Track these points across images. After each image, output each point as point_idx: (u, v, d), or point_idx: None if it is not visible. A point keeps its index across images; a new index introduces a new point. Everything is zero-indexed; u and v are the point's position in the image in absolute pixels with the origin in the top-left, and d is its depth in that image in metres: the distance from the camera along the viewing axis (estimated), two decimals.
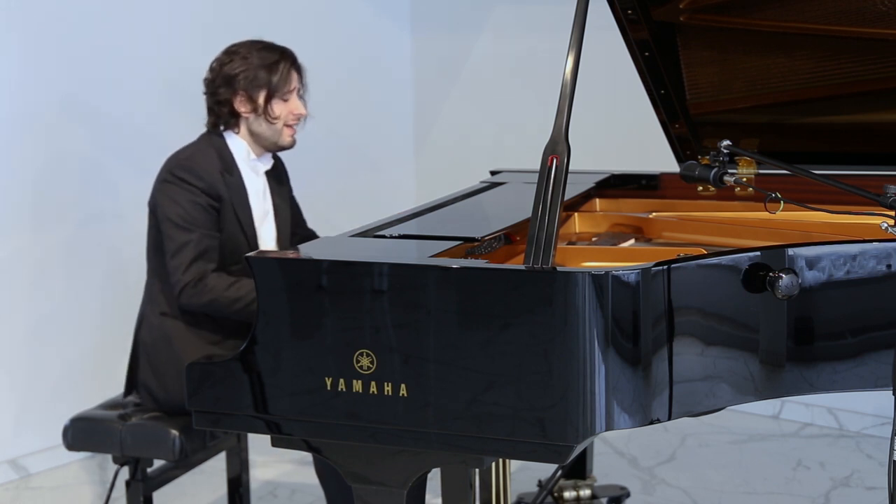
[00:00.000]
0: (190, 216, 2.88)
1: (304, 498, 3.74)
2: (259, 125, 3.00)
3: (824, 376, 2.28)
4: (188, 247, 2.86)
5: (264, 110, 2.97)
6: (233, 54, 2.99)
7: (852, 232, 2.56)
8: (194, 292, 2.84)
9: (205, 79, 3.03)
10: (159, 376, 2.98)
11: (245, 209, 3.00)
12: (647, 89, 2.94)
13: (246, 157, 3.03)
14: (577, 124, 2.43)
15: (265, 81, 2.96)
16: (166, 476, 3.12)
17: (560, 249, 2.51)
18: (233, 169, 2.99)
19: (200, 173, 2.92)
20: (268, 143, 3.04)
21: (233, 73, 2.96)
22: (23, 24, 3.88)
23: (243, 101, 2.97)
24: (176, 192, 2.90)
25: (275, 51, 3.01)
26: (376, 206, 3.74)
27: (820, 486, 3.74)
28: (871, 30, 2.63)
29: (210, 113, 3.03)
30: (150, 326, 3.02)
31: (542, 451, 2.07)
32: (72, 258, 4.08)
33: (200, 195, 2.90)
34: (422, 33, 5.26)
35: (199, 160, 2.95)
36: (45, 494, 3.87)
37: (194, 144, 3.03)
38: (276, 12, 4.64)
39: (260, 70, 2.96)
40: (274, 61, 2.98)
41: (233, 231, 2.96)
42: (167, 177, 2.94)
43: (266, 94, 2.96)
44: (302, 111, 3.04)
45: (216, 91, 2.99)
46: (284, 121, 3.00)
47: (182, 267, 2.85)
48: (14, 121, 3.89)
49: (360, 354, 2.15)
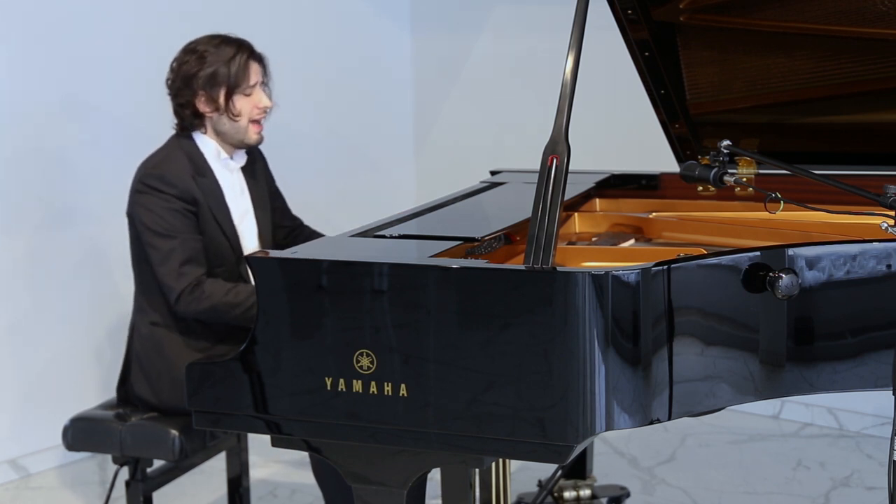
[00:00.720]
0: (168, 223, 2.84)
1: (304, 498, 3.74)
2: (223, 124, 2.94)
3: (824, 376, 2.28)
4: (174, 253, 2.82)
5: (226, 108, 2.91)
6: (190, 53, 2.93)
7: (852, 232, 2.56)
8: (192, 299, 2.81)
9: (165, 79, 2.97)
10: (152, 384, 2.96)
11: (222, 209, 2.96)
12: (647, 89, 2.94)
13: (217, 157, 2.98)
14: (577, 124, 2.43)
15: (224, 78, 2.89)
16: (166, 476, 3.12)
17: (560, 249, 2.51)
18: (205, 170, 2.95)
19: (171, 179, 2.86)
20: (234, 142, 2.98)
21: (191, 73, 2.90)
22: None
23: (204, 101, 2.92)
24: (150, 202, 2.85)
25: (231, 44, 2.93)
26: (376, 206, 3.74)
27: (820, 486, 3.74)
28: (871, 30, 2.63)
29: (175, 115, 2.98)
30: (140, 336, 2.99)
31: (542, 451, 2.07)
32: (67, 253, 4.08)
33: (175, 201, 2.85)
34: (422, 33, 5.26)
35: (169, 166, 2.90)
36: (45, 494, 3.87)
37: (163, 149, 2.98)
38: (276, 12, 4.64)
39: (216, 66, 2.89)
40: (230, 56, 2.90)
41: (213, 233, 2.92)
42: (139, 187, 2.89)
43: (226, 91, 2.90)
44: (266, 103, 2.97)
45: (177, 93, 2.94)
46: (249, 116, 2.94)
47: (173, 274, 2.81)
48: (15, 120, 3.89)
49: (360, 354, 2.15)
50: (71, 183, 4.05)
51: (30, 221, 3.96)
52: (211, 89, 2.90)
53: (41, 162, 3.96)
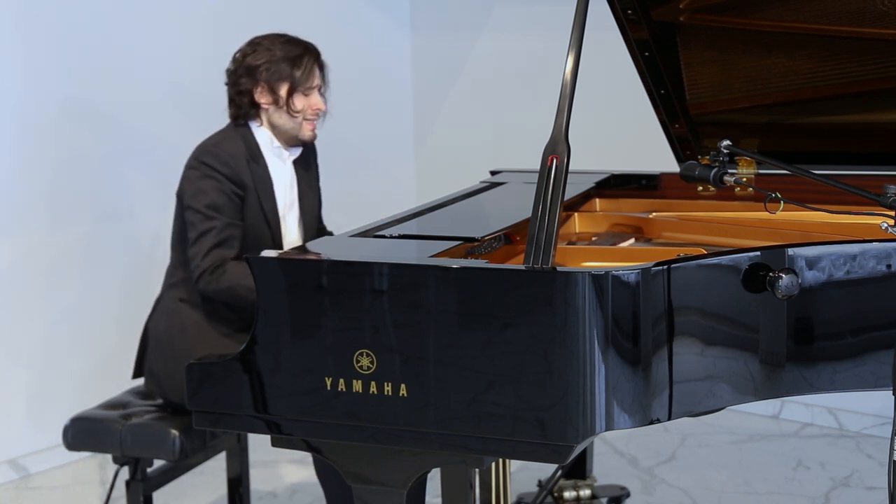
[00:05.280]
0: (214, 203, 2.89)
1: (304, 498, 3.74)
2: (279, 118, 3.00)
3: (824, 376, 2.28)
4: (210, 234, 2.87)
5: (286, 103, 2.97)
6: (257, 45, 3.00)
7: (852, 232, 2.56)
8: (212, 279, 2.85)
9: (227, 69, 3.03)
10: (167, 361, 2.97)
11: (269, 198, 3.00)
12: (647, 89, 2.94)
13: (270, 146, 3.04)
14: (577, 124, 2.42)
15: (288, 74, 2.96)
16: (166, 476, 3.12)
17: (560, 249, 2.51)
18: (258, 157, 3.00)
19: (226, 159, 2.93)
20: (287, 137, 3.04)
21: (256, 64, 2.96)
22: (31, 26, 3.88)
23: (264, 92, 2.97)
24: (201, 179, 2.91)
25: (299, 45, 3.01)
26: (376, 206, 3.73)
27: (820, 486, 3.74)
28: (871, 30, 2.63)
29: (231, 103, 3.03)
30: (165, 311, 3.03)
31: (542, 451, 2.07)
32: (67, 255, 4.08)
33: (225, 182, 2.91)
34: (422, 33, 5.26)
35: (226, 146, 2.96)
36: (45, 494, 3.87)
37: (221, 132, 3.04)
38: (276, 12, 4.63)
39: (283, 63, 2.96)
40: (298, 55, 2.98)
41: (256, 220, 2.97)
42: (193, 163, 2.95)
43: (289, 87, 2.97)
44: (321, 106, 3.04)
45: (237, 81, 2.99)
46: (304, 115, 3.01)
47: (202, 253, 2.86)
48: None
49: (360, 354, 2.15)
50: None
51: (30, 222, 3.96)
52: (273, 82, 2.96)
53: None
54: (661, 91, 2.93)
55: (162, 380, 2.99)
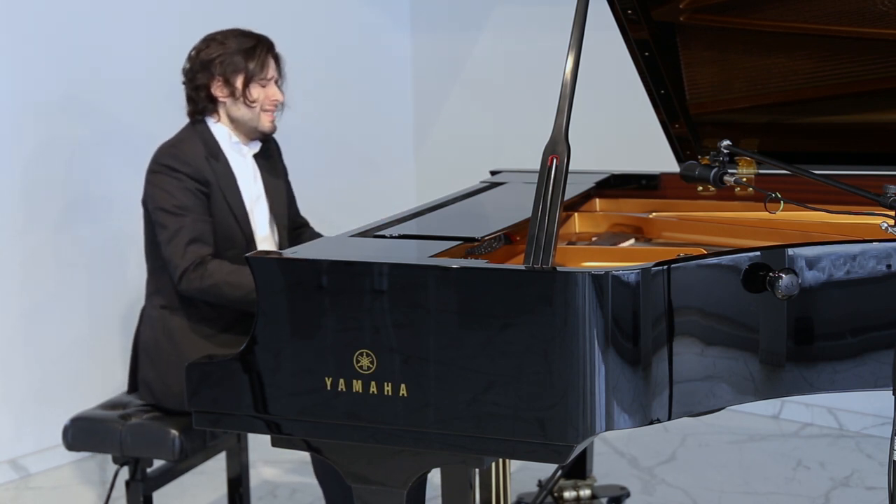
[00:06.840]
0: (180, 202, 2.90)
1: (304, 498, 3.74)
2: (237, 110, 3.02)
3: (824, 376, 2.28)
4: (183, 232, 2.88)
5: (242, 94, 2.99)
6: (210, 41, 3.03)
7: (852, 232, 2.56)
8: (195, 276, 2.85)
9: (183, 68, 3.05)
10: (158, 369, 2.98)
11: (234, 193, 3.01)
12: (647, 89, 2.94)
13: (229, 142, 3.05)
14: (577, 124, 2.42)
15: (242, 66, 2.98)
16: (166, 476, 3.12)
17: (560, 249, 2.51)
18: (218, 154, 3.02)
19: (185, 159, 2.94)
20: (247, 129, 3.05)
21: (210, 59, 2.99)
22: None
23: (220, 85, 2.99)
24: (163, 181, 2.93)
25: (251, 37, 3.03)
26: (376, 206, 3.74)
27: (820, 486, 3.74)
28: (871, 30, 2.63)
29: (189, 101, 3.05)
30: (149, 320, 3.03)
31: (542, 451, 2.07)
32: (64, 255, 4.08)
33: (187, 180, 2.92)
34: (422, 33, 5.26)
35: (183, 147, 2.98)
36: (45, 494, 3.87)
37: (179, 133, 3.06)
38: (276, 12, 4.64)
39: (237, 55, 2.98)
40: (251, 47, 3.00)
41: (223, 216, 2.98)
42: (154, 167, 2.97)
43: (244, 78, 2.98)
44: (279, 97, 3.05)
45: (194, 77, 3.02)
46: (262, 105, 3.02)
47: (179, 252, 2.87)
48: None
49: (360, 354, 2.15)
50: (70, 180, 4.05)
51: (30, 223, 3.96)
52: (229, 75, 2.98)
53: (48, 159, 3.97)
54: (661, 91, 2.93)
55: (156, 388, 3.00)
